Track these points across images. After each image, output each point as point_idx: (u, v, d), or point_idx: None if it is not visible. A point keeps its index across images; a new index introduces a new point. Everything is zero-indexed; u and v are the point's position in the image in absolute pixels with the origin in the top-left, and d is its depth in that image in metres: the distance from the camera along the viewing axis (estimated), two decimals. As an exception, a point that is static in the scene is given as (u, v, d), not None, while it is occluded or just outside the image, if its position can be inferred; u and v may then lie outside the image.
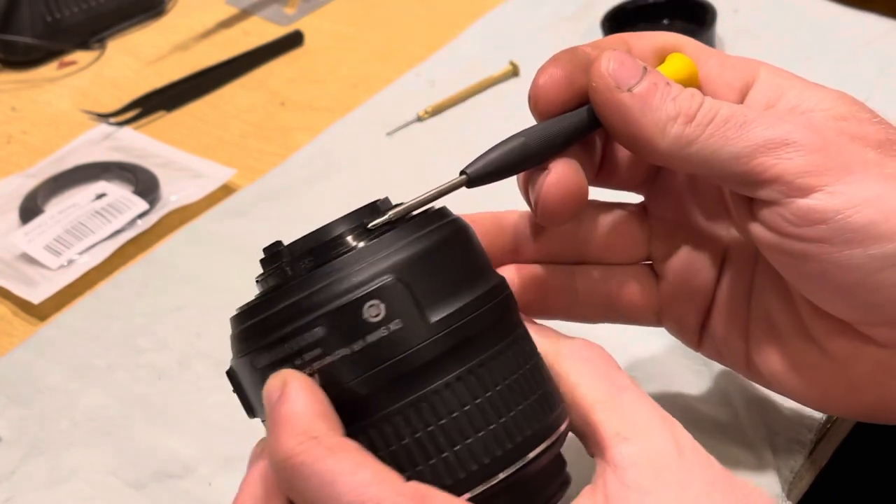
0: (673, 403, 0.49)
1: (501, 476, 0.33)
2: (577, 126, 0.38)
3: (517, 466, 0.33)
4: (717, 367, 0.51)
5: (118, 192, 0.68)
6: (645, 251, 0.43)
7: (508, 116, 0.72)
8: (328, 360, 0.32)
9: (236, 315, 0.35)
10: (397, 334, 0.32)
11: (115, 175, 0.71)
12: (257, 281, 0.36)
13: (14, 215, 0.68)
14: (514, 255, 0.42)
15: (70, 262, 0.63)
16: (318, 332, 0.32)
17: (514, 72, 0.77)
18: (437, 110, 0.74)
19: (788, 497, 0.45)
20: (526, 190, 0.39)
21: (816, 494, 0.49)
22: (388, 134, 0.73)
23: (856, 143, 0.35)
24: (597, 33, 0.77)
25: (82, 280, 0.63)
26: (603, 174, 0.42)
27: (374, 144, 0.72)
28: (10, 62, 0.86)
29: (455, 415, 0.32)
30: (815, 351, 0.39)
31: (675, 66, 0.39)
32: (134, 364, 0.57)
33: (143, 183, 0.69)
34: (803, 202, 0.35)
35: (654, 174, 0.43)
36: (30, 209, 0.68)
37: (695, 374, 0.51)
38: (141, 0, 0.90)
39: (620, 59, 0.37)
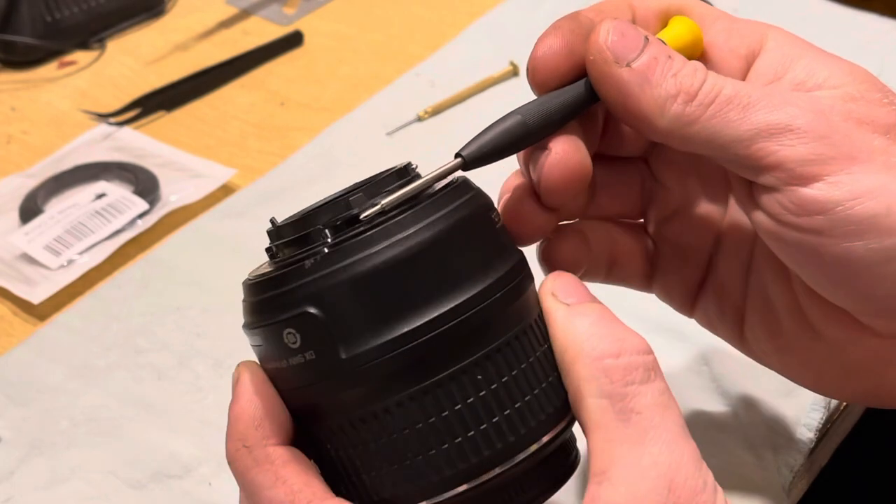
0: (673, 403, 0.49)
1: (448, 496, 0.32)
2: (576, 100, 0.36)
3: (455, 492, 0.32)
4: (718, 367, 0.51)
5: (118, 192, 0.68)
6: (640, 209, 0.42)
7: (508, 116, 0.73)
8: (266, 365, 0.33)
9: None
10: (313, 364, 0.31)
11: (115, 175, 0.71)
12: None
13: (14, 215, 0.68)
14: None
15: (70, 262, 0.63)
16: (258, 339, 0.33)
17: (514, 72, 0.77)
18: (437, 110, 0.74)
19: (788, 497, 0.45)
20: (527, 168, 0.37)
21: (816, 494, 0.49)
22: (388, 134, 0.73)
23: (863, 128, 0.34)
24: (597, 33, 0.77)
25: (82, 280, 0.63)
26: (604, 145, 0.40)
27: (374, 144, 0.72)
28: (9, 62, 0.86)
29: (379, 441, 0.31)
30: (811, 334, 0.38)
31: (678, 30, 0.37)
32: (134, 364, 0.57)
33: (143, 183, 0.69)
34: (804, 191, 0.33)
35: (656, 143, 0.41)
36: (30, 209, 0.68)
37: (695, 374, 0.51)
38: (141, 0, 0.90)
39: (620, 30, 0.35)
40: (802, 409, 0.48)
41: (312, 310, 0.31)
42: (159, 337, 0.58)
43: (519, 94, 0.80)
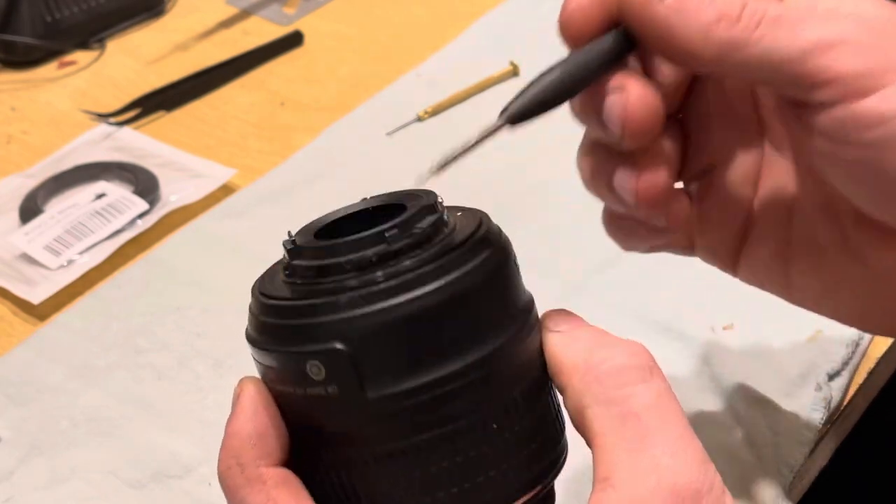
0: (673, 403, 0.49)
1: None
2: (613, 49, 0.35)
3: None
4: (718, 367, 0.51)
5: (118, 192, 0.68)
6: (676, 170, 0.41)
7: (508, 116, 0.73)
8: (273, 385, 0.33)
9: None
10: (335, 398, 0.31)
11: (115, 175, 0.71)
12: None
13: (14, 215, 0.68)
14: None
15: (70, 262, 0.63)
16: (270, 361, 0.32)
17: (514, 72, 0.77)
18: (437, 110, 0.74)
19: (788, 497, 0.45)
20: (590, 117, 0.37)
21: (816, 494, 0.49)
22: (388, 134, 0.73)
23: None
24: (597, 33, 0.77)
25: (82, 280, 0.63)
26: None
27: (374, 144, 0.72)
28: (9, 62, 0.86)
29: (385, 483, 0.31)
30: (858, 266, 0.38)
31: None
32: (134, 364, 0.57)
33: (143, 183, 0.69)
34: (861, 104, 0.33)
35: (688, 93, 0.40)
36: (30, 209, 0.68)
37: (695, 374, 0.51)
38: (141, 0, 0.90)
39: None
40: (802, 409, 0.48)
41: (343, 347, 0.30)
42: (159, 337, 0.58)
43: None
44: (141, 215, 0.66)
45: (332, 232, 0.34)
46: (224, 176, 0.70)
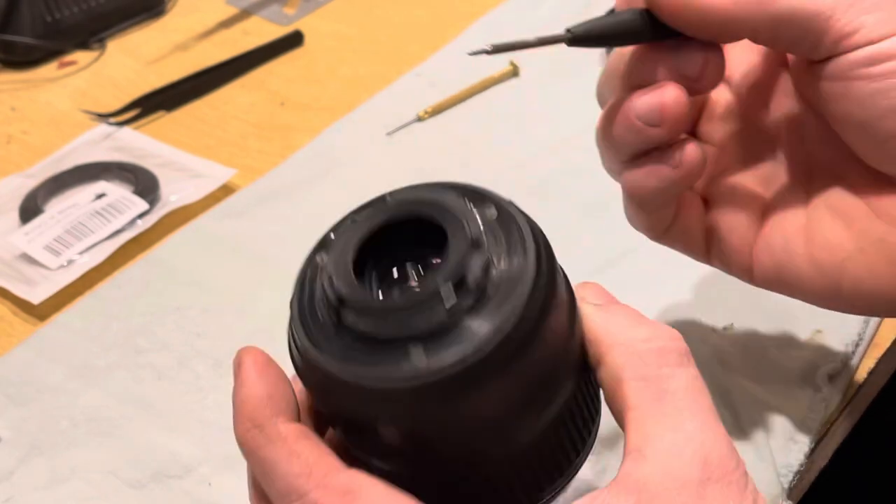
0: (673, 403, 0.49)
1: None
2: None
3: None
4: (718, 367, 0.51)
5: (118, 192, 0.68)
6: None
7: (508, 116, 0.73)
8: (340, 435, 0.34)
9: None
10: (406, 456, 0.32)
11: (115, 175, 0.71)
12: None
13: (14, 215, 0.68)
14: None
15: (70, 262, 0.63)
16: (335, 409, 0.33)
17: (514, 72, 0.77)
18: (437, 110, 0.74)
19: (788, 497, 0.45)
20: (672, 68, 0.38)
21: (816, 494, 0.49)
22: (388, 134, 0.73)
23: None
24: (597, 33, 0.77)
25: (82, 280, 0.63)
26: None
27: (374, 144, 0.72)
28: (9, 62, 0.86)
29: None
30: (881, 226, 0.39)
31: None
32: (134, 364, 0.57)
33: (143, 183, 0.69)
34: (878, 46, 0.36)
35: (704, 105, 0.43)
36: (30, 209, 0.68)
37: (695, 374, 0.50)
38: (141, 0, 0.90)
39: None
40: (802, 410, 0.48)
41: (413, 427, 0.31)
42: (159, 337, 0.58)
43: (519, 94, 0.80)
44: (141, 215, 0.66)
45: (365, 253, 0.33)
46: (224, 176, 0.70)
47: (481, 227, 0.32)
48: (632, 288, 0.56)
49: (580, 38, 0.37)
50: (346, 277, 0.32)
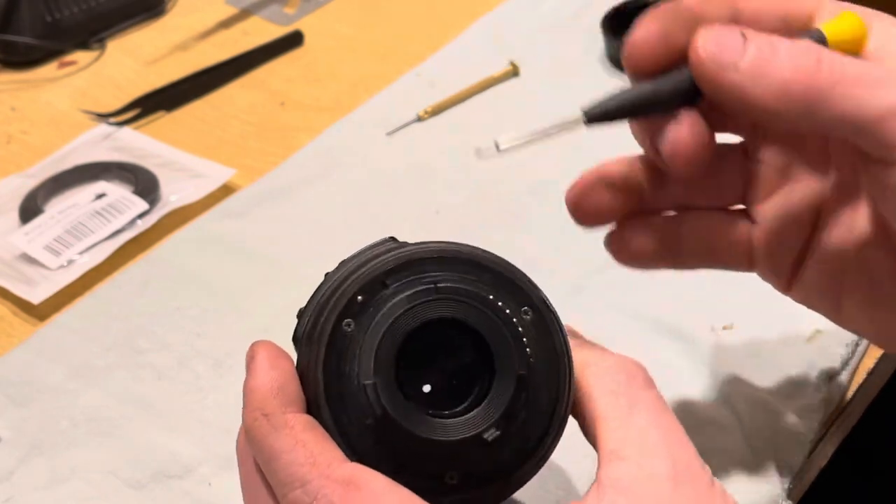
0: (673, 404, 0.49)
1: None
2: (689, 90, 0.36)
3: None
4: (718, 367, 0.51)
5: (118, 192, 0.68)
6: (740, 194, 0.42)
7: (508, 116, 0.73)
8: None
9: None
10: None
11: (115, 175, 0.71)
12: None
13: (14, 215, 0.68)
14: (629, 204, 0.42)
15: (70, 262, 0.63)
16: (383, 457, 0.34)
17: (514, 72, 0.77)
18: (437, 110, 0.74)
19: (788, 497, 0.45)
20: (650, 141, 0.38)
21: (816, 494, 0.49)
22: (388, 134, 0.73)
23: None
24: (597, 33, 0.77)
25: (82, 280, 0.63)
26: (709, 122, 0.40)
27: (374, 144, 0.72)
28: (9, 62, 0.86)
29: None
30: None
31: (841, 25, 0.36)
32: (134, 364, 0.57)
33: (143, 183, 0.69)
34: None
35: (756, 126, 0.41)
36: (30, 209, 0.68)
37: (695, 374, 0.51)
38: (141, 0, 0.90)
39: (716, 40, 0.35)
40: (802, 410, 0.48)
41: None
42: (159, 337, 0.58)
43: (519, 94, 0.80)
44: (141, 215, 0.66)
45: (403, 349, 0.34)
46: (224, 176, 0.70)
47: (526, 356, 0.34)
48: (631, 287, 0.56)
49: (597, 115, 0.37)
50: (392, 395, 0.33)
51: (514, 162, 0.68)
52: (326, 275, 0.37)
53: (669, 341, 0.52)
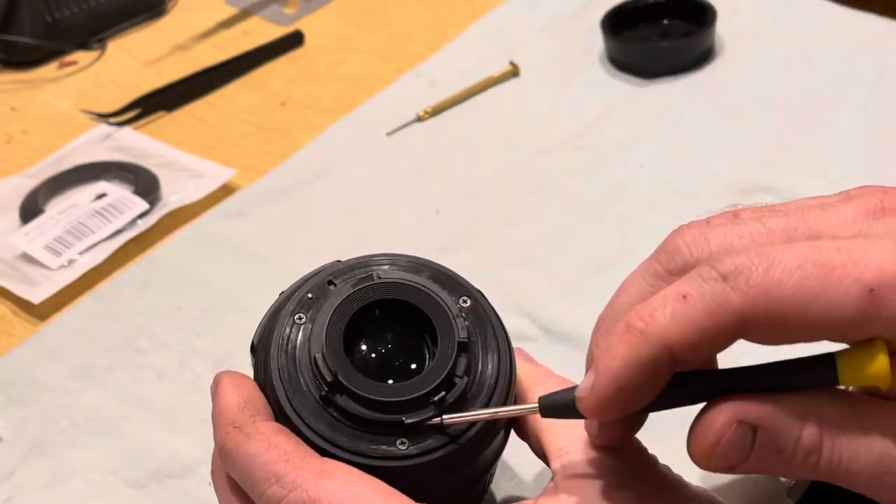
0: (673, 403, 0.49)
1: None
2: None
3: None
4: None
5: (118, 192, 0.68)
6: None
7: (508, 116, 0.73)
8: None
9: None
10: None
11: (115, 175, 0.71)
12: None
13: (14, 215, 0.68)
14: None
15: (70, 262, 0.63)
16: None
17: (514, 72, 0.77)
18: (437, 110, 0.74)
19: (789, 496, 0.45)
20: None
21: (816, 494, 0.49)
22: (388, 134, 0.73)
23: None
24: (597, 33, 0.77)
25: (82, 280, 0.63)
26: None
27: (374, 144, 0.72)
28: (10, 62, 0.86)
29: None
30: None
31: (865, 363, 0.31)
32: (134, 364, 0.57)
33: (144, 183, 0.69)
34: None
35: None
36: (30, 209, 0.68)
37: (695, 373, 0.50)
38: (141, 0, 0.90)
39: (722, 454, 0.32)
40: (802, 409, 0.48)
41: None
42: (159, 337, 0.58)
43: (519, 94, 0.80)
44: (141, 215, 0.66)
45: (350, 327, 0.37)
46: (224, 176, 0.70)
47: (466, 329, 0.37)
48: (632, 288, 0.57)
49: (549, 411, 0.36)
50: (340, 359, 0.35)
51: (514, 162, 0.68)
52: (280, 293, 0.40)
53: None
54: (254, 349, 0.39)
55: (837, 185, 0.61)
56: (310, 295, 0.37)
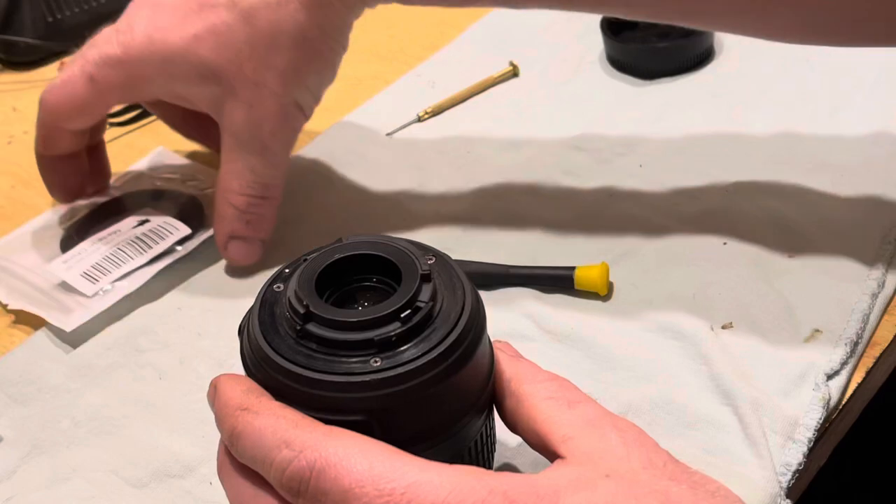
0: (672, 403, 0.49)
1: None
2: None
3: None
4: (717, 366, 0.51)
5: (160, 219, 0.65)
6: None
7: (508, 117, 0.73)
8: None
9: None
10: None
11: (160, 201, 0.68)
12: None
13: (55, 244, 0.65)
14: None
15: (105, 291, 0.61)
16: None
17: (514, 72, 0.77)
18: (437, 110, 0.74)
19: (787, 496, 0.45)
20: None
21: (816, 494, 0.49)
22: (388, 134, 0.73)
23: None
24: (596, 33, 0.77)
25: (116, 306, 0.60)
26: None
27: (374, 144, 0.72)
28: (11, 62, 0.86)
29: None
30: None
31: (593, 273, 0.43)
32: (135, 363, 0.57)
33: (186, 209, 0.66)
34: None
35: None
36: (70, 238, 0.65)
37: (694, 373, 0.51)
38: (141, 0, 0.90)
39: None
40: (801, 409, 0.48)
41: (367, 418, 0.36)
42: (160, 336, 0.58)
43: (519, 95, 0.80)
44: (181, 241, 0.64)
45: (323, 280, 0.39)
46: None
47: (428, 265, 0.39)
48: (631, 288, 0.57)
49: None
50: (311, 295, 0.38)
51: (514, 162, 0.68)
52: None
53: (668, 341, 0.53)
54: (240, 332, 0.41)
55: (838, 185, 0.61)
56: (287, 270, 0.41)
